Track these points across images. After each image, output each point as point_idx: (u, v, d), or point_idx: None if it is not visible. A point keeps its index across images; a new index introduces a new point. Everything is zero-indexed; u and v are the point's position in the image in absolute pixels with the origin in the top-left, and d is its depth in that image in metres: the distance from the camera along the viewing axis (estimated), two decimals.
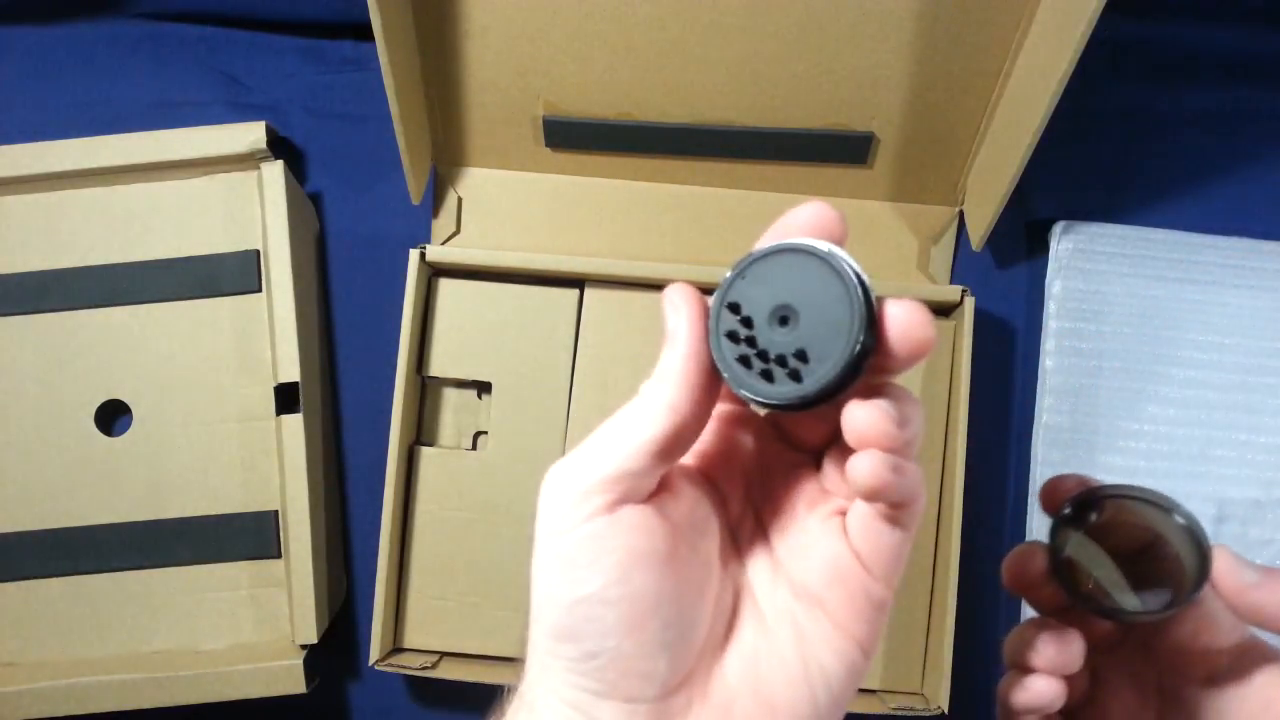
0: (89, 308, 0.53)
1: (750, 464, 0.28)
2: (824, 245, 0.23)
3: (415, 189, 0.52)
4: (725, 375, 0.24)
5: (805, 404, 0.23)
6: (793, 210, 0.25)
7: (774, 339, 0.23)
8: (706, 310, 0.25)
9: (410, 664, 0.49)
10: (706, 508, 0.27)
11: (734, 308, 0.24)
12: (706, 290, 0.25)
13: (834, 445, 0.27)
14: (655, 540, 0.23)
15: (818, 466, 0.27)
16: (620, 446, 0.23)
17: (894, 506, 0.24)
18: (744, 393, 0.24)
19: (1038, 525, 0.53)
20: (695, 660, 0.25)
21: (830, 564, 0.25)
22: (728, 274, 0.24)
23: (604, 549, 0.23)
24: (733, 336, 0.24)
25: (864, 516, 0.25)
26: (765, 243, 0.25)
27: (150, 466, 0.52)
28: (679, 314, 0.24)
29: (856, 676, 0.25)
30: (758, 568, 0.27)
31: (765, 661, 0.25)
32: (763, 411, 0.27)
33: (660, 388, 0.24)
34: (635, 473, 0.23)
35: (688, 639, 0.24)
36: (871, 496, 0.23)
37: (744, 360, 0.24)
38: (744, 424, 0.28)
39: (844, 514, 0.26)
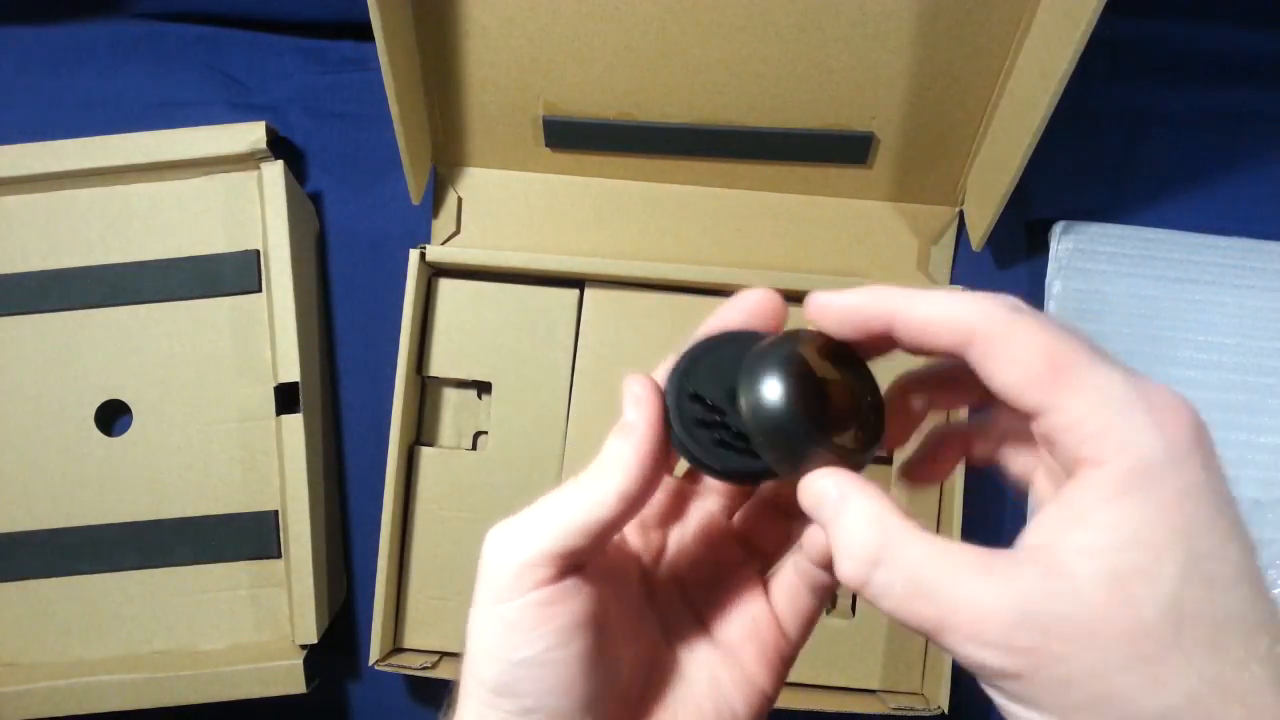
0: (89, 308, 0.53)
1: (665, 514, 0.30)
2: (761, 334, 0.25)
3: (415, 189, 0.52)
4: (701, 461, 0.25)
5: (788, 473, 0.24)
6: (737, 296, 0.26)
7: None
8: (664, 405, 0.25)
9: (410, 664, 0.49)
10: (625, 554, 0.28)
11: (697, 398, 0.25)
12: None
13: (756, 508, 0.29)
14: (593, 603, 0.24)
15: (731, 526, 0.29)
16: (569, 524, 0.24)
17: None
18: (717, 473, 0.25)
19: None
20: (620, 704, 0.26)
21: (749, 622, 0.27)
22: (677, 360, 0.25)
23: (547, 615, 0.24)
24: (705, 424, 0.25)
25: (791, 584, 0.27)
26: (713, 324, 0.26)
27: (150, 466, 0.52)
28: (640, 409, 0.24)
29: (763, 716, 0.27)
30: (673, 612, 0.28)
31: (681, 703, 0.27)
32: (736, 485, 0.29)
33: (615, 475, 0.24)
34: (582, 551, 0.24)
35: (616, 686, 0.26)
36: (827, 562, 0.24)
37: (722, 443, 0.24)
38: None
39: (763, 575, 0.28)
